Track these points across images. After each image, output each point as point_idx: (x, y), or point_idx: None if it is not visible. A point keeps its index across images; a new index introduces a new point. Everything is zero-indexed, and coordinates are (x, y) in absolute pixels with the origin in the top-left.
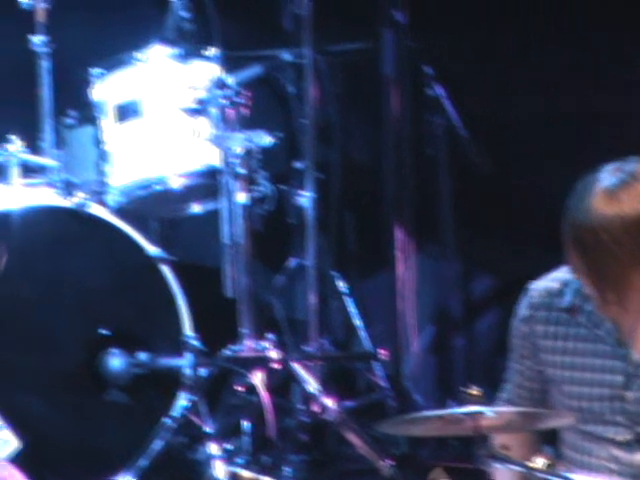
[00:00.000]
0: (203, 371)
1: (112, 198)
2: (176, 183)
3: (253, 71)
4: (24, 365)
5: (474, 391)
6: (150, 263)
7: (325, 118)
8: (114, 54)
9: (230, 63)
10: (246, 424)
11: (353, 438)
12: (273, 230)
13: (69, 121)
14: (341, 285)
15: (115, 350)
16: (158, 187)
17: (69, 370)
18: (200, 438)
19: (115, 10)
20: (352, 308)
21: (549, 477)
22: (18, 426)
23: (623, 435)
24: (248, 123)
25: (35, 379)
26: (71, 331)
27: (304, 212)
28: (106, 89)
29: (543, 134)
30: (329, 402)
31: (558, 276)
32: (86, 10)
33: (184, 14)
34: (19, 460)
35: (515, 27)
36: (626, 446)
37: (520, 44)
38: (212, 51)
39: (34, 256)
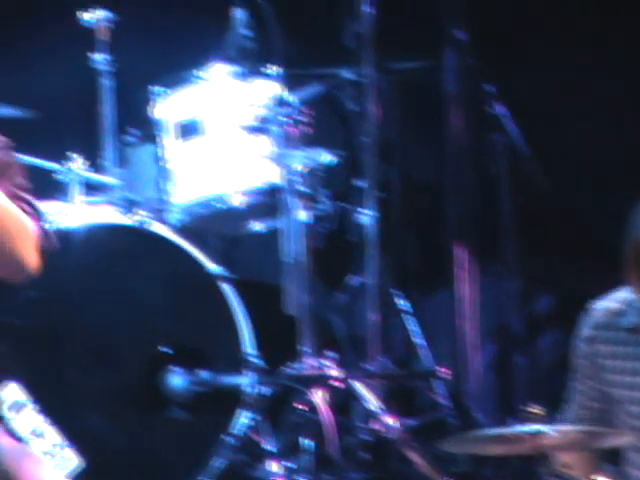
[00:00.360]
0: (264, 389)
1: (173, 216)
2: (237, 201)
3: (314, 89)
4: (85, 383)
5: (535, 410)
6: (211, 281)
7: (386, 136)
8: (176, 72)
9: (291, 81)
10: (307, 442)
11: (414, 456)
12: (334, 248)
13: (131, 139)
14: (402, 303)
15: (176, 368)
16: (219, 205)
17: (130, 388)
18: (261, 456)
19: (177, 28)
20: (413, 326)
21: None
22: (79, 444)
23: None
24: (309, 141)
25: (96, 397)
26: (132, 349)
27: (365, 230)
28: (168, 107)
29: (605, 152)
30: (390, 420)
31: (620, 296)
32: (148, 28)
33: (246, 32)
34: (81, 478)
35: (577, 45)
36: None
37: (582, 61)
38: (273, 69)
39: (95, 274)
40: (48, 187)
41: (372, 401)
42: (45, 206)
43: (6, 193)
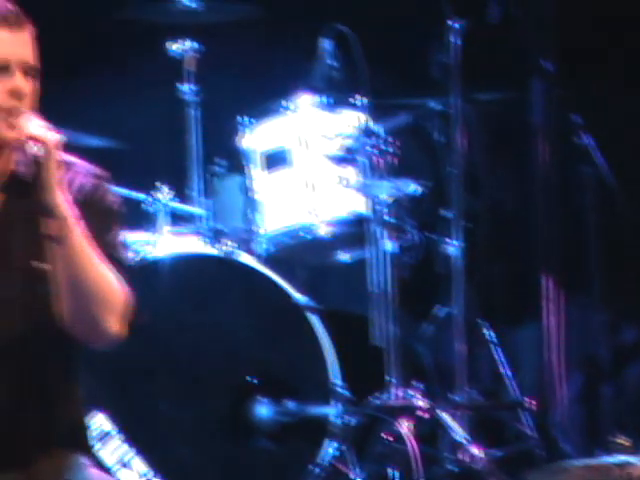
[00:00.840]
0: (350, 419)
1: (260, 246)
2: (324, 231)
3: (401, 119)
4: (173, 413)
5: (623, 441)
6: (298, 311)
7: (472, 167)
8: (263, 102)
9: (378, 111)
10: (393, 472)
11: None
12: (420, 278)
13: (218, 169)
14: (488, 334)
15: (263, 398)
16: (306, 235)
17: (217, 418)
18: None
19: (263, 59)
20: (499, 357)
21: None
22: (166, 474)
23: None
24: (396, 171)
25: (184, 427)
26: (219, 379)
27: (451, 260)
28: (255, 138)
29: None
30: (477, 451)
31: None
32: (235, 59)
33: (332, 62)
34: None
35: None
36: None
37: None
38: (360, 99)
39: (183, 304)
40: (136, 217)
41: (458, 431)
42: (133, 236)
43: (102, 249)
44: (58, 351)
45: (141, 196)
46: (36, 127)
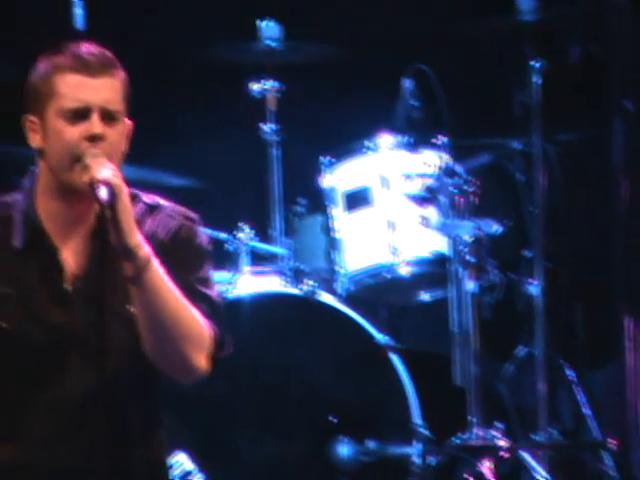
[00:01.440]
0: (432, 459)
1: (341, 285)
2: (405, 271)
3: (482, 159)
4: (254, 452)
5: None
6: (379, 351)
7: (554, 206)
8: (344, 142)
9: (459, 151)
10: None
11: None
12: (501, 318)
13: (299, 209)
14: (570, 374)
15: (344, 438)
16: (387, 275)
17: (298, 457)
18: None
19: (345, 98)
20: (581, 397)
21: None
22: None
23: None
24: (477, 211)
25: (264, 466)
26: (300, 418)
27: (533, 300)
28: (336, 177)
29: None
30: None
31: None
32: (316, 99)
33: (414, 102)
34: None
35: None
36: None
37: None
38: (441, 139)
39: (264, 343)
40: (218, 257)
41: (540, 472)
42: (215, 275)
43: (188, 287)
44: (143, 392)
45: (223, 235)
46: (106, 171)
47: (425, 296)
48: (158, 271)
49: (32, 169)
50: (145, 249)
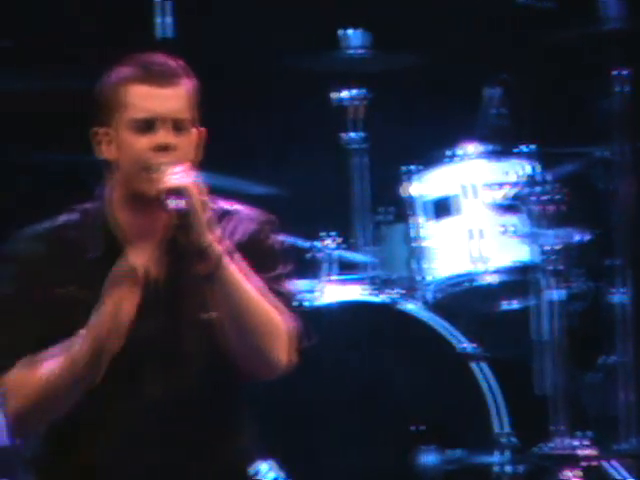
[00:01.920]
0: (516, 468)
1: (425, 294)
2: (489, 279)
3: (567, 168)
4: (338, 461)
5: None
6: (463, 359)
7: (639, 214)
8: (428, 151)
9: (544, 159)
10: None
11: None
12: (587, 327)
13: (383, 217)
14: None
15: (428, 446)
16: (471, 283)
17: (382, 467)
18: None
19: (429, 106)
20: None
21: None
22: None
23: None
24: (562, 219)
25: (349, 476)
26: (384, 427)
27: (619, 309)
28: (421, 186)
29: None
30: None
31: None
32: (400, 107)
33: (498, 111)
34: None
35: None
36: None
37: None
38: (526, 147)
39: (347, 351)
40: (302, 265)
41: None
42: (299, 284)
43: (264, 284)
44: (222, 399)
45: (307, 244)
46: (176, 178)
47: (509, 304)
48: (232, 268)
49: (105, 179)
50: (217, 247)
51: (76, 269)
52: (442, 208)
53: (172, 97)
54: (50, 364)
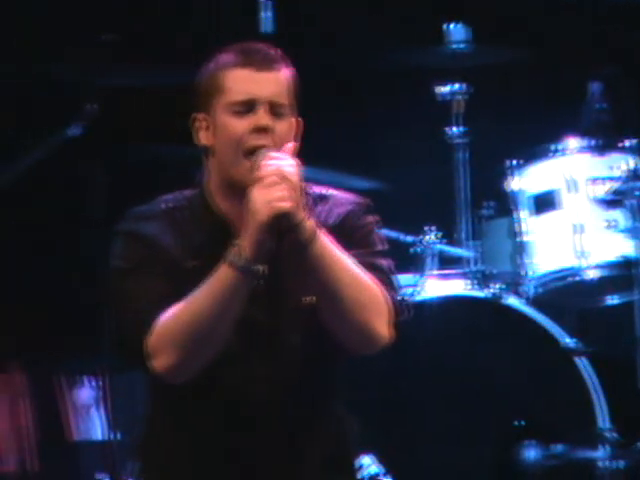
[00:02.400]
0: (618, 463)
1: (528, 289)
2: (592, 274)
3: None
4: (439, 457)
5: None
6: (566, 354)
7: None
8: (531, 145)
9: None
10: None
11: None
12: None
13: (486, 212)
14: None
15: (530, 441)
16: (573, 278)
17: (484, 462)
18: None
19: (532, 101)
20: None
21: None
22: None
23: None
24: None
25: (450, 471)
26: (485, 422)
27: None
28: (523, 180)
29: None
30: None
31: None
32: (502, 101)
33: (601, 105)
34: None
35: None
36: None
37: None
38: (629, 142)
39: (448, 346)
40: (404, 260)
41: None
42: (401, 278)
43: (360, 261)
44: (325, 386)
45: (409, 238)
46: (275, 162)
47: (611, 299)
48: (326, 241)
49: (203, 167)
50: (310, 221)
51: (187, 250)
52: (545, 202)
53: (271, 81)
54: (186, 307)
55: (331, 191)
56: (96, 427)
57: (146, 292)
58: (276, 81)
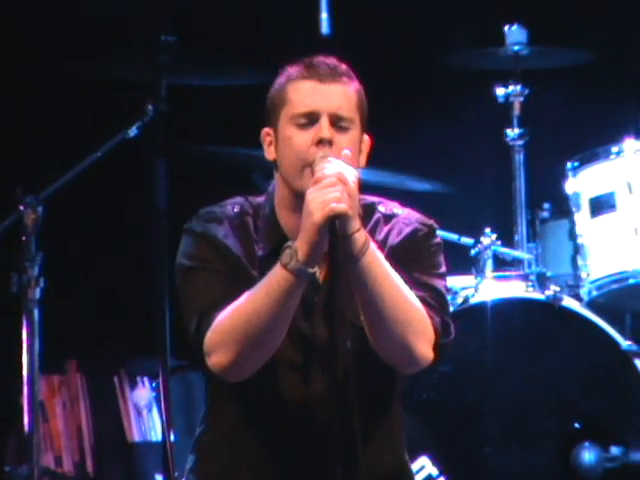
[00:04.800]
0: None
1: (586, 291)
2: None
3: None
4: (497, 459)
5: None
6: (625, 357)
7: None
8: (589, 147)
9: None
10: None
11: None
12: None
13: (544, 214)
14: None
15: (588, 444)
16: (633, 280)
17: (542, 464)
18: None
19: (590, 103)
20: None
21: None
22: None
23: None
24: None
25: (507, 473)
26: (546, 425)
27: None
28: (581, 182)
29: None
30: None
31: None
32: (560, 103)
33: None
34: None
35: None
36: None
37: None
38: None
39: (507, 348)
40: (462, 261)
41: None
42: (459, 280)
43: (418, 280)
44: (379, 398)
45: (467, 240)
46: (333, 165)
47: None
48: (376, 254)
49: (274, 179)
50: (363, 233)
51: (251, 258)
52: (603, 204)
53: (334, 93)
54: (241, 306)
55: (398, 210)
56: (155, 428)
57: (209, 292)
58: (339, 94)
